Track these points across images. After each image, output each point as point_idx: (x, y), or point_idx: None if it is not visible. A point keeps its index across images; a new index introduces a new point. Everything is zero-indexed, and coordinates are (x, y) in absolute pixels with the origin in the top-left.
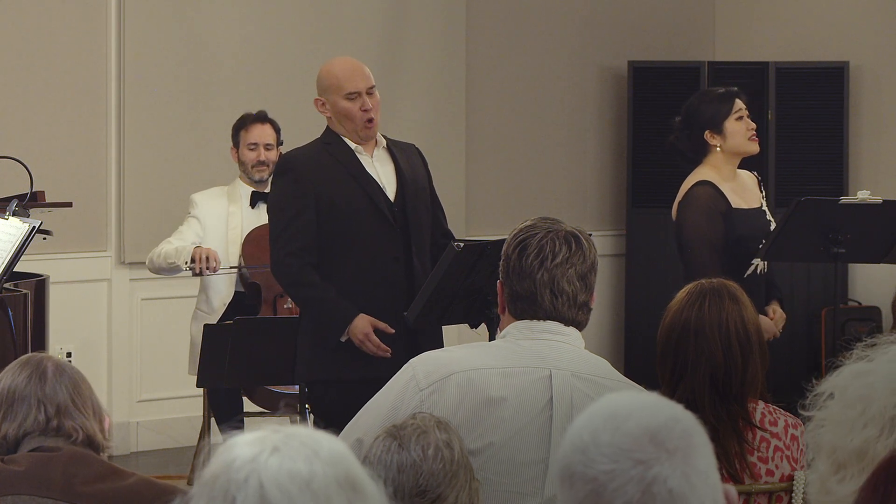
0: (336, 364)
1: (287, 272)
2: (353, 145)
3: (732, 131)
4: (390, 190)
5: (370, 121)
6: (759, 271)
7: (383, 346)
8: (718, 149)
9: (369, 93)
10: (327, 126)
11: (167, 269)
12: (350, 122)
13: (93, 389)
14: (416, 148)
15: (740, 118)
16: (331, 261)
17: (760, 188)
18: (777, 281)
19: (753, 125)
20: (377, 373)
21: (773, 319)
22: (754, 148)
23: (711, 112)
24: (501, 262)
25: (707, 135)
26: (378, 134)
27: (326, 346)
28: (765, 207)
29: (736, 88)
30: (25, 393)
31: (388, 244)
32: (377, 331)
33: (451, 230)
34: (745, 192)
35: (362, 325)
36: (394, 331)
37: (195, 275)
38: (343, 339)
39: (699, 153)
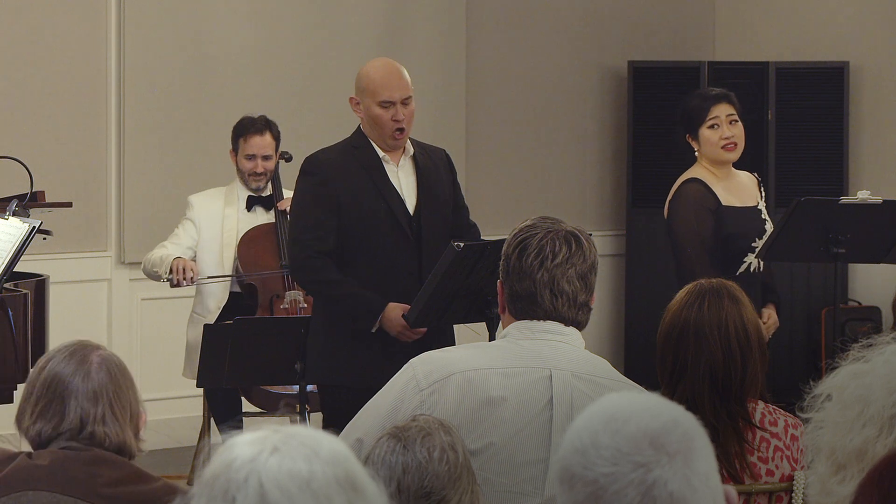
0: (344, 370)
1: (307, 273)
2: (380, 153)
3: (705, 139)
4: (410, 202)
5: (400, 131)
6: (752, 269)
7: (419, 332)
8: (697, 153)
9: (404, 103)
10: (359, 126)
11: (153, 277)
12: (379, 129)
13: (133, 383)
14: (445, 153)
15: (712, 126)
16: (346, 266)
17: (760, 189)
18: (775, 285)
19: (730, 133)
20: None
21: (766, 324)
22: (728, 157)
23: (689, 117)
24: (501, 262)
25: (687, 137)
26: (407, 139)
27: (339, 345)
28: (761, 207)
29: (717, 92)
30: (67, 392)
31: (403, 257)
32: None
33: (475, 223)
34: (740, 191)
35: (396, 318)
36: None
37: (173, 286)
38: (374, 330)
39: (691, 151)
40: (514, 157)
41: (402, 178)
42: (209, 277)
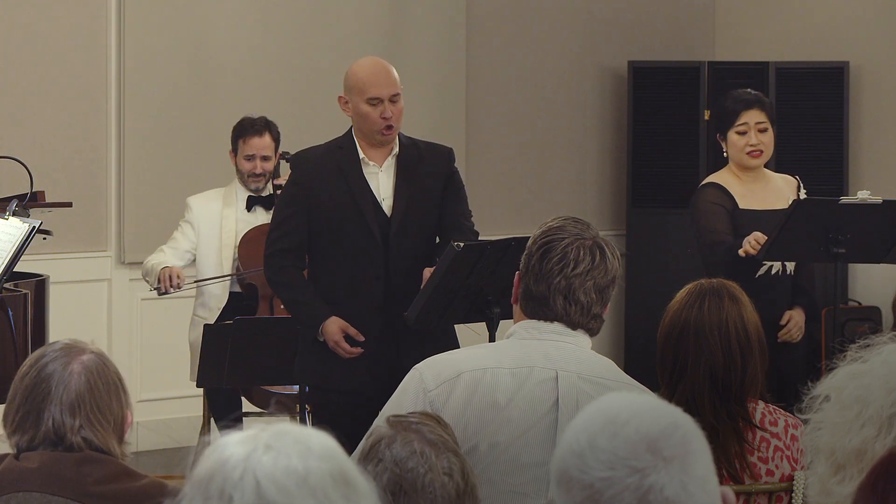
0: (329, 372)
1: (268, 270)
2: (362, 154)
3: (732, 143)
4: (388, 203)
5: (389, 128)
6: (775, 272)
7: (354, 350)
8: (725, 154)
9: (392, 100)
10: (351, 126)
11: (148, 283)
12: (367, 126)
13: (116, 387)
14: (448, 152)
15: (741, 132)
16: (319, 265)
17: (799, 192)
18: (810, 288)
19: (756, 141)
20: (371, 385)
21: (787, 326)
22: (751, 163)
23: (720, 118)
24: (524, 255)
25: (718, 137)
26: (397, 141)
27: (319, 346)
28: None
29: (751, 97)
30: (45, 403)
31: (370, 261)
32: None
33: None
34: (768, 193)
35: (333, 330)
36: (364, 338)
37: (160, 294)
38: (321, 340)
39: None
40: (514, 156)
41: (383, 181)
42: (197, 281)
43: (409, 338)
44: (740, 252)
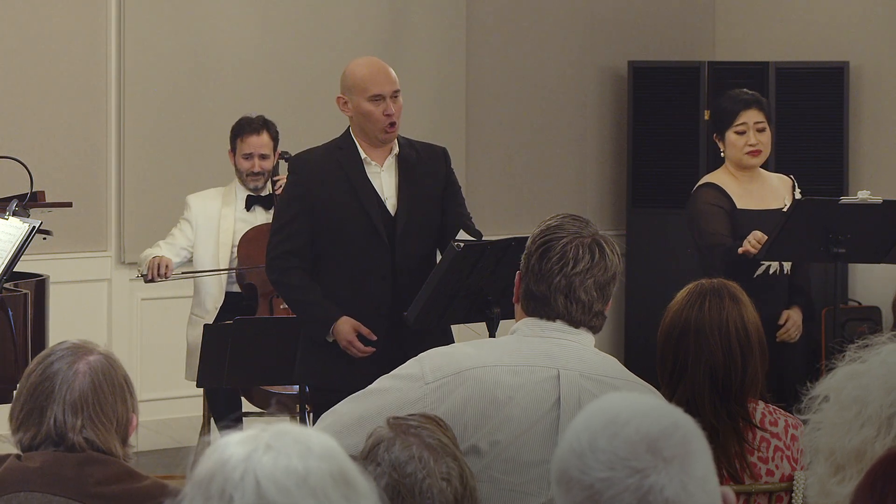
0: (330, 372)
1: (273, 273)
2: (363, 154)
3: (730, 143)
4: (392, 203)
5: (392, 125)
6: (773, 272)
7: (367, 350)
8: (722, 153)
9: (393, 97)
10: (348, 127)
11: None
12: (370, 124)
13: (122, 389)
14: (444, 151)
15: (739, 132)
16: (321, 266)
17: (794, 191)
18: (807, 287)
19: (755, 141)
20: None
21: (784, 326)
22: (750, 162)
23: (718, 118)
24: (524, 256)
25: (715, 137)
26: (395, 140)
27: (321, 347)
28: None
29: (748, 97)
30: (48, 402)
31: (376, 261)
32: (361, 336)
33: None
34: (764, 193)
35: (346, 330)
36: (376, 337)
37: (146, 281)
38: (330, 340)
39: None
40: (514, 156)
41: (385, 180)
42: (189, 272)
43: (411, 338)
44: (740, 251)
